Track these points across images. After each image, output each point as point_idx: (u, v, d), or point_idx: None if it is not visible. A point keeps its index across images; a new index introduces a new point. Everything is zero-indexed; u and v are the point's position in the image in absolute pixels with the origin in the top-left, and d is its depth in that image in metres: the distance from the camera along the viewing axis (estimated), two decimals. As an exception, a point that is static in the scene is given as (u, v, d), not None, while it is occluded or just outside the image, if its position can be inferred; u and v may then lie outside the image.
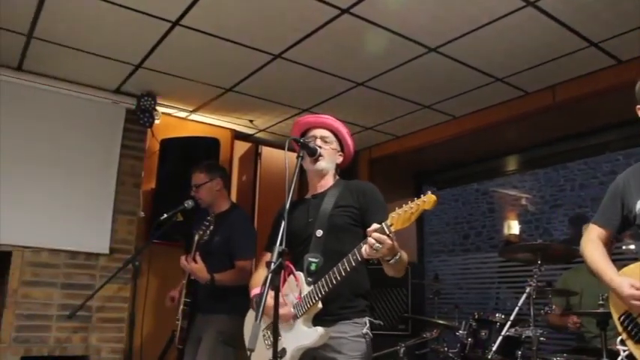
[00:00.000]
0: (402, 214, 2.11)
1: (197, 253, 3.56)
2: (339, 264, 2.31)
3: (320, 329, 2.38)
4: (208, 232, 3.63)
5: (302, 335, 2.41)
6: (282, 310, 2.36)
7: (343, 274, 2.30)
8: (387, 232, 2.14)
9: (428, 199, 2.08)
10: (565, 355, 3.94)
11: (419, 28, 3.78)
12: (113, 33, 3.96)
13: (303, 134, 2.78)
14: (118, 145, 4.97)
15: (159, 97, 5.10)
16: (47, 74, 4.68)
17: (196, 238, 3.63)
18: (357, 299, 2.55)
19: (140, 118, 5.04)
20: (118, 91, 5.00)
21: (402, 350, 4.69)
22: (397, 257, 2.27)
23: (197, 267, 3.52)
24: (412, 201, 2.11)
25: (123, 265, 3.99)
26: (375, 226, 2.18)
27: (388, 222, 2.14)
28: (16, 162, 4.49)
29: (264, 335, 2.55)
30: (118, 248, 4.84)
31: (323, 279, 2.36)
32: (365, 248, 2.19)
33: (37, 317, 4.44)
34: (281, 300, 2.24)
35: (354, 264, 2.27)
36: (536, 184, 10.76)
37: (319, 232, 2.55)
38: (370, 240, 2.16)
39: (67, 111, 4.78)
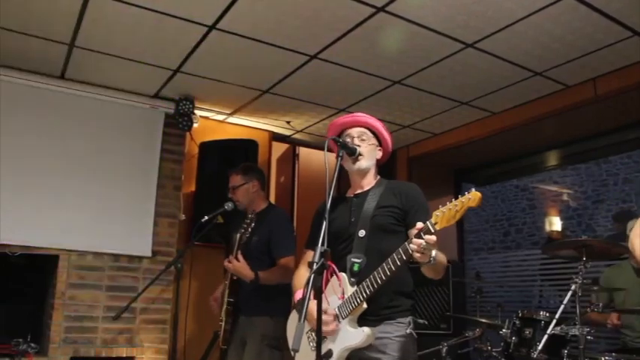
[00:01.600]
0: (447, 212, 2.08)
1: (239, 253, 3.57)
2: (384, 264, 2.29)
3: (367, 329, 2.37)
4: (249, 230, 3.65)
5: (348, 336, 2.40)
6: (327, 326, 2.37)
7: (388, 273, 2.28)
8: (432, 231, 2.12)
9: (473, 197, 2.05)
10: (613, 354, 3.84)
11: (455, 24, 3.73)
12: (151, 39, 4.02)
13: (339, 136, 2.77)
14: (157, 149, 5.06)
15: (197, 100, 5.16)
16: (88, 81, 4.79)
17: (237, 237, 3.64)
18: (401, 299, 2.53)
19: (179, 122, 5.11)
20: (156, 96, 5.08)
21: (444, 349, 4.64)
22: (432, 258, 2.23)
23: (240, 265, 3.52)
24: (456, 199, 2.08)
25: (165, 268, 4.04)
26: (419, 224, 2.16)
27: (432, 220, 2.12)
28: (60, 168, 4.62)
29: (308, 337, 2.54)
30: (160, 251, 4.92)
31: (368, 279, 2.35)
32: (412, 249, 2.16)
33: (85, 319, 4.56)
34: (324, 303, 2.23)
35: (399, 263, 2.25)
36: (577, 179, 10.56)
37: (362, 232, 2.54)
38: (417, 241, 2.13)
39: (107, 117, 4.88)
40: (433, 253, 2.20)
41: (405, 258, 2.23)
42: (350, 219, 2.62)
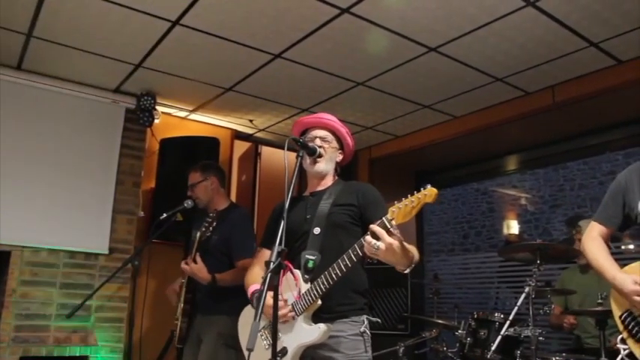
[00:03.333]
0: (403, 208, 2.10)
1: (197, 255, 3.55)
2: (339, 260, 2.30)
3: (322, 326, 2.38)
4: (210, 229, 3.63)
5: (303, 333, 2.41)
6: (281, 310, 2.36)
7: (344, 269, 2.29)
8: (389, 227, 2.13)
9: (429, 193, 2.08)
10: (564, 354, 3.95)
11: (419, 28, 3.78)
12: (113, 32, 3.96)
13: (303, 134, 2.79)
14: (117, 144, 4.99)
15: (159, 96, 5.11)
16: (46, 73, 4.69)
17: (197, 236, 3.62)
18: (355, 297, 2.55)
19: (140, 117, 5.05)
20: (117, 90, 5.01)
21: (401, 350, 4.69)
22: (412, 268, 2.27)
23: (197, 267, 3.50)
24: (412, 195, 2.10)
25: (122, 265, 4.00)
26: (374, 226, 2.17)
27: (389, 216, 2.14)
28: (15, 161, 4.50)
29: (261, 335, 2.55)
30: (117, 248, 4.85)
31: (323, 275, 2.36)
32: (366, 247, 2.18)
33: (36, 317, 4.45)
34: (280, 301, 2.24)
35: (355, 259, 2.27)
36: (535, 184, 10.76)
37: (317, 230, 2.56)
38: (367, 237, 2.15)
39: (66, 110, 4.79)
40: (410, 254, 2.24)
41: (360, 254, 2.24)
42: (305, 216, 2.64)
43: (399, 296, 5.58)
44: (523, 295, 3.68)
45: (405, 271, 2.31)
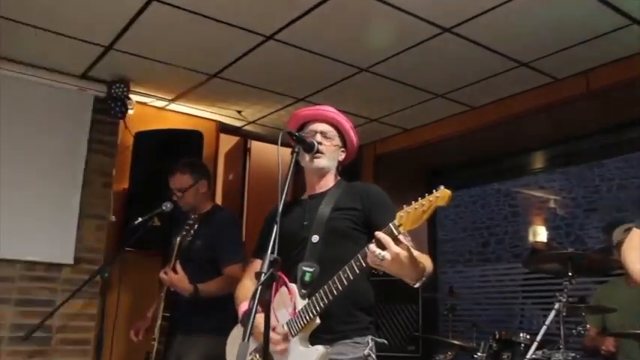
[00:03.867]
0: (412, 212, 2.09)
1: (177, 263, 3.55)
2: (340, 272, 2.30)
3: (320, 348, 2.38)
4: (191, 234, 3.63)
5: (299, 356, 2.41)
6: (274, 346, 2.36)
7: (345, 283, 2.28)
8: (396, 234, 2.13)
9: (442, 195, 2.07)
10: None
11: (431, 6, 3.78)
12: (79, 8, 3.94)
13: (300, 129, 2.79)
14: (84, 138, 4.98)
15: (132, 83, 5.11)
16: (3, 56, 4.67)
17: (177, 242, 3.62)
18: (359, 314, 2.55)
19: (111, 107, 5.04)
20: (84, 76, 5.00)
21: (411, 375, 4.70)
22: (423, 282, 2.26)
23: (177, 277, 3.50)
24: (423, 197, 2.10)
25: (90, 278, 4.00)
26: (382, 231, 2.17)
27: (396, 222, 2.14)
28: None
29: (252, 359, 2.55)
30: (84, 258, 4.83)
31: (321, 290, 2.35)
32: (369, 257, 2.18)
33: (-14, 339, 4.42)
34: (273, 319, 2.24)
35: (357, 272, 2.26)
36: (567, 184, 10.74)
37: (315, 238, 2.56)
38: (371, 246, 2.14)
39: (23, 99, 4.77)
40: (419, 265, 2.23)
41: (363, 265, 2.23)
42: (302, 222, 2.64)
43: (409, 313, 5.59)
44: (552, 313, 3.69)
45: (416, 285, 2.30)
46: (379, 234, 2.15)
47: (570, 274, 3.73)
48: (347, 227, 2.58)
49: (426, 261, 2.31)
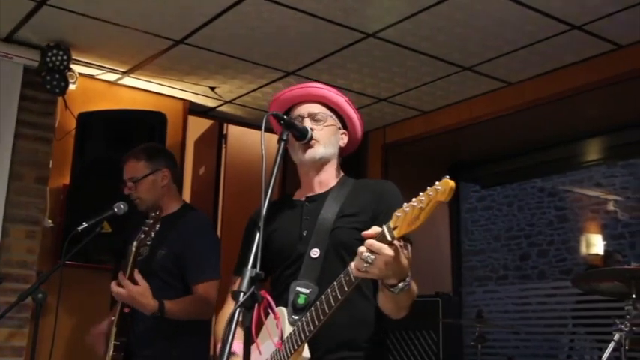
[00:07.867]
0: (410, 212, 2.08)
1: (136, 271, 3.52)
2: (328, 290, 2.27)
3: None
4: (152, 239, 3.63)
5: (284, 400, 2.42)
6: None
7: (333, 304, 2.25)
8: (389, 238, 2.12)
9: (442, 187, 2.02)
10: None
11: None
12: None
13: (286, 114, 2.77)
14: (11, 120, 4.96)
15: (74, 50, 5.09)
16: None
17: (133, 249, 3.60)
18: (361, 343, 2.54)
19: (47, 81, 5.02)
20: (10, 39, 4.99)
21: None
22: (407, 282, 2.25)
23: (138, 290, 3.46)
24: (423, 191, 2.07)
25: (17, 300, 3.97)
26: (374, 229, 2.16)
27: (391, 224, 2.12)
28: None
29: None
30: (11, 274, 4.84)
31: (308, 313, 2.34)
32: (355, 262, 2.14)
33: None
34: (254, 353, 2.24)
35: (346, 288, 2.25)
36: (630, 182, 10.78)
37: (315, 252, 2.54)
38: (360, 248, 2.12)
39: None
40: (408, 279, 2.21)
41: (353, 280, 2.20)
42: (300, 232, 2.63)
43: (427, 343, 5.60)
44: (611, 345, 3.69)
45: (398, 317, 2.39)
46: (366, 233, 2.14)
47: (634, 295, 3.73)
48: (356, 240, 2.54)
49: (413, 285, 2.30)
